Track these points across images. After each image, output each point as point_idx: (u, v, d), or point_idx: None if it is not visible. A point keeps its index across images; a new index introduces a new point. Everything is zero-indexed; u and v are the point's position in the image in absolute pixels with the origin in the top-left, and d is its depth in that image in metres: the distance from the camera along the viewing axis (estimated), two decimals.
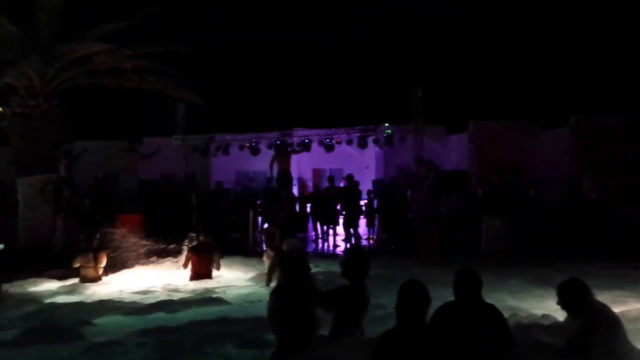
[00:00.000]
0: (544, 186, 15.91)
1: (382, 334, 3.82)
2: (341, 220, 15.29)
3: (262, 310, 5.50)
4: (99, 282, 9.72)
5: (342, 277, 5.04)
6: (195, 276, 9.87)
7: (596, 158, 16.38)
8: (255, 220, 15.49)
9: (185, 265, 10.04)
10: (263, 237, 11.21)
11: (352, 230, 14.83)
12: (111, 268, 10.30)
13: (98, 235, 10.23)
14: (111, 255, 10.38)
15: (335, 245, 15.24)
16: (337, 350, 4.46)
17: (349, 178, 15.45)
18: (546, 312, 6.56)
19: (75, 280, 9.74)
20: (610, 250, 12.60)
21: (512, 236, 13.70)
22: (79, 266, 9.72)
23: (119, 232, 13.02)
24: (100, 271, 9.87)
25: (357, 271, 4.95)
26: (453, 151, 18.90)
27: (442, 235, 14.49)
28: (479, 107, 21.43)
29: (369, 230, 15.94)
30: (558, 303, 4.89)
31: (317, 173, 20.67)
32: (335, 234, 15.67)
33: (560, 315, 5.38)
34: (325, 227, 15.71)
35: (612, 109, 19.76)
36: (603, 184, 15.18)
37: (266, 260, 9.82)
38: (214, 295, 8.70)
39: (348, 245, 14.44)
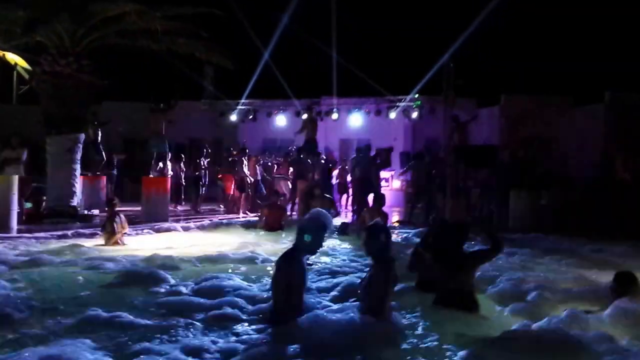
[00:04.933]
0: (575, 164, 15.57)
1: None
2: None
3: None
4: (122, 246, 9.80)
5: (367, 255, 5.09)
6: (267, 228, 11.92)
7: (630, 137, 15.94)
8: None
9: (260, 218, 12.38)
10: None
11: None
12: None
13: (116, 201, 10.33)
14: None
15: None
16: None
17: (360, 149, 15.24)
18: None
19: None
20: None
21: (539, 212, 13.52)
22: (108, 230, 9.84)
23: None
24: (121, 236, 9.98)
25: (380, 247, 4.96)
26: (483, 124, 18.52)
27: (467, 209, 14.39)
28: (511, 81, 20.94)
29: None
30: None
31: (343, 143, 20.50)
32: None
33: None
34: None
35: None
36: (636, 165, 14.80)
37: None
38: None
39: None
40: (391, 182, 17.16)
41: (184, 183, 17.13)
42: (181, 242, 10.46)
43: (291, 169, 15.55)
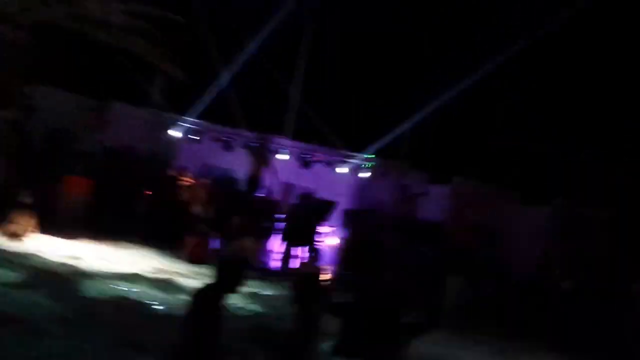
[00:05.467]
0: (517, 262, 15.23)
1: None
2: None
3: None
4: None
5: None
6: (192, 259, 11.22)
7: (573, 245, 15.74)
8: None
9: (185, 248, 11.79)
10: None
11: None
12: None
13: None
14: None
15: None
16: None
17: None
18: None
19: None
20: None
21: (473, 302, 13.10)
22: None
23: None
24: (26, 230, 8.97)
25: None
26: (432, 202, 18.01)
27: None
28: (467, 163, 20.71)
29: None
30: None
31: (286, 188, 19.53)
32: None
33: None
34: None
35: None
36: (576, 276, 14.60)
37: None
38: None
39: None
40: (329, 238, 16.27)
41: None
42: (90, 254, 9.62)
43: None
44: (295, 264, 14.16)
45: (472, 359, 8.28)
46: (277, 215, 15.89)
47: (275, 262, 14.70)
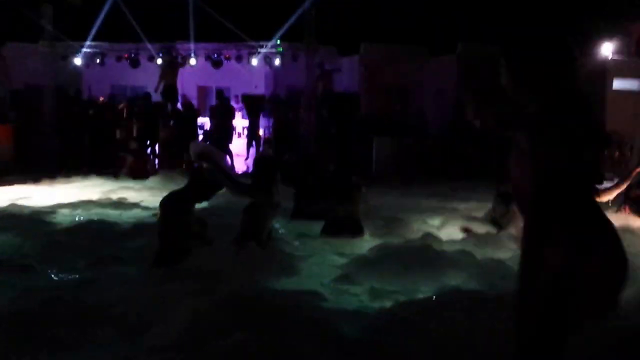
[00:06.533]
0: (431, 114, 16.20)
1: None
2: None
3: None
4: None
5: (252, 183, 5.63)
6: (132, 175, 11.51)
7: (480, 86, 16.76)
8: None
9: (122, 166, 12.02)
10: None
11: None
12: None
13: None
14: None
15: None
16: None
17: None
18: None
19: None
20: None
21: (400, 157, 14.09)
22: None
23: None
24: None
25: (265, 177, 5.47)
26: (344, 73, 18.58)
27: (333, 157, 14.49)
28: (371, 30, 21.09)
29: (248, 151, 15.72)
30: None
31: (202, 90, 19.57)
32: None
33: None
34: None
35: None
36: (484, 113, 15.69)
37: None
38: None
39: None
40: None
41: None
42: (38, 193, 9.71)
43: None
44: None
45: (412, 202, 9.22)
46: (199, 120, 16.21)
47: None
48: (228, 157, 14.29)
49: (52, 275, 5.19)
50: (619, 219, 6.32)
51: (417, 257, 5.15)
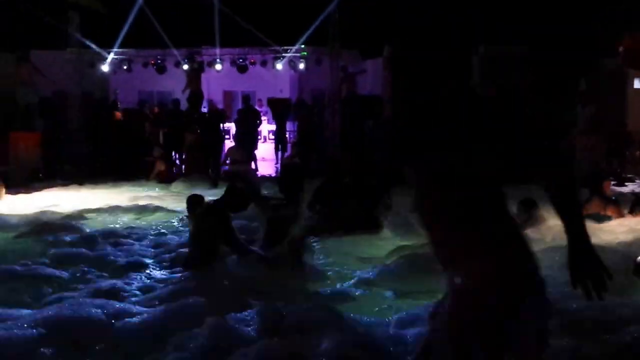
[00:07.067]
0: None
1: None
2: None
3: None
4: None
5: (280, 192, 5.84)
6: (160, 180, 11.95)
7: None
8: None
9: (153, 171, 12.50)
10: None
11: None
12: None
13: None
14: None
15: None
16: None
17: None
18: None
19: None
20: None
21: None
22: None
23: None
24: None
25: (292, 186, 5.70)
26: (368, 75, 18.50)
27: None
28: (395, 32, 20.98)
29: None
30: None
31: (228, 95, 19.67)
32: None
33: None
34: None
35: None
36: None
37: None
38: None
39: None
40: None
41: None
42: (67, 199, 9.77)
43: None
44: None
45: None
46: (225, 124, 16.27)
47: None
48: (252, 163, 14.36)
49: (80, 282, 5.20)
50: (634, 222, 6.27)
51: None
